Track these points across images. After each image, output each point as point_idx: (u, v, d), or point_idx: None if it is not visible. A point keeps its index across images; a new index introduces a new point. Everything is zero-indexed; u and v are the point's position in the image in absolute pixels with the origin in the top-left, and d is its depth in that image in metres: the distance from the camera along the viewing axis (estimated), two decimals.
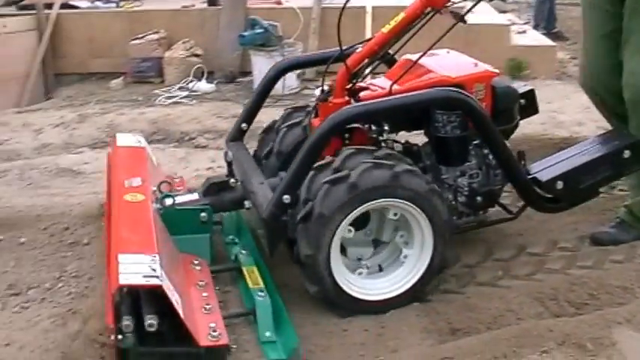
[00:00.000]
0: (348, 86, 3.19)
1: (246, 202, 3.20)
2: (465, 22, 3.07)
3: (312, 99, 3.97)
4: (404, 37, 3.21)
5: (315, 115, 3.31)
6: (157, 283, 2.33)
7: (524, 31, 8.18)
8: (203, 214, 3.14)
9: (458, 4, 3.09)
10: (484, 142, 3.17)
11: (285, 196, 2.86)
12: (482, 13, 8.00)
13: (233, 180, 3.30)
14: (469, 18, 3.10)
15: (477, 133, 3.11)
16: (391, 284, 2.99)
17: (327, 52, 3.62)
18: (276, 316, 2.79)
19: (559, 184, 3.24)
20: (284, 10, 7.54)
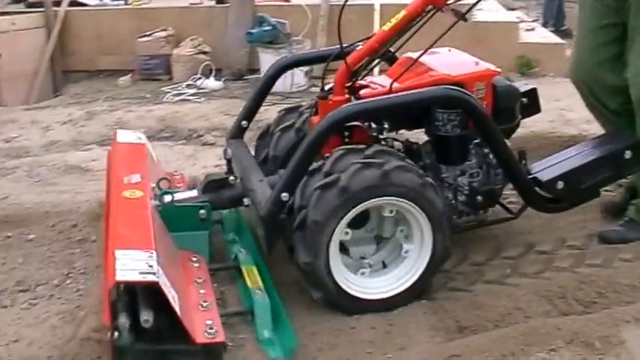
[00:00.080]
0: (348, 84, 3.16)
1: (245, 200, 3.18)
2: (466, 20, 3.04)
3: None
4: (405, 35, 3.18)
5: (315, 113, 3.29)
6: (154, 279, 2.31)
7: (532, 29, 8.16)
8: (202, 211, 3.11)
9: (460, 1, 3.07)
10: (484, 141, 3.14)
11: (284, 194, 2.84)
12: (490, 10, 8.00)
13: (232, 177, 3.28)
14: (478, 16, 3.09)
15: (478, 132, 3.09)
16: (395, 280, 2.98)
17: (328, 50, 3.60)
18: (275, 316, 2.76)
19: (559, 184, 3.22)
20: (292, 8, 7.55)
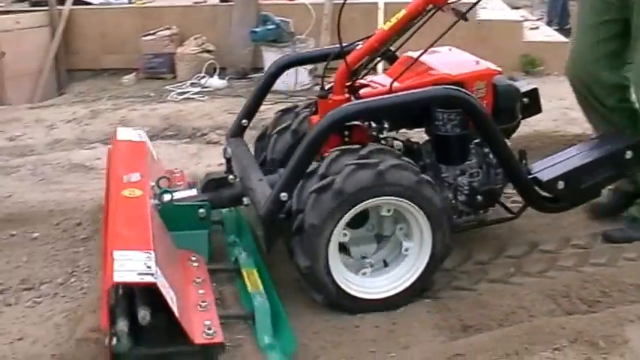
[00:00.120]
0: (348, 83, 3.15)
1: (245, 199, 3.18)
2: (467, 19, 3.03)
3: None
4: (406, 34, 3.16)
5: (315, 112, 3.28)
6: (152, 280, 2.29)
7: (537, 27, 8.15)
8: (201, 210, 3.09)
9: (460, 0, 3.06)
10: (484, 141, 3.13)
11: (283, 194, 2.83)
12: (494, 9, 7.99)
13: (232, 176, 3.27)
14: (482, 14, 3.08)
15: (477, 132, 3.08)
16: (397, 279, 2.97)
17: (329, 49, 3.59)
18: (275, 319, 2.74)
19: (560, 184, 3.21)
20: (296, 6, 7.55)
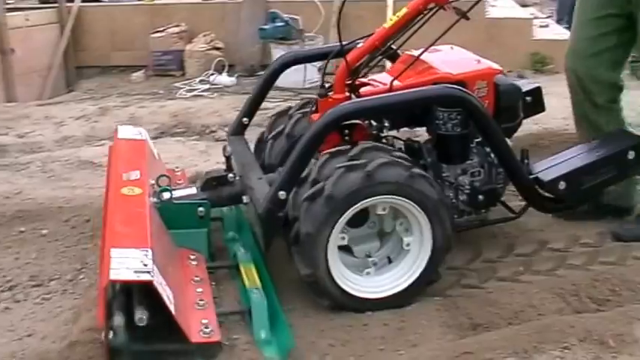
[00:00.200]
0: (348, 81, 3.14)
1: (244, 197, 3.16)
2: (468, 18, 3.00)
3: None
4: (408, 32, 3.14)
5: (315, 111, 3.26)
6: (148, 278, 2.29)
7: (546, 25, 8.11)
8: (201, 208, 3.08)
9: None
10: (485, 140, 3.11)
11: (281, 192, 2.81)
12: (504, 7, 7.97)
13: (231, 175, 3.25)
14: (491, 12, 3.06)
15: (478, 131, 3.06)
16: (400, 276, 2.94)
17: (331, 46, 3.57)
18: (273, 316, 2.73)
19: (561, 184, 3.18)
20: (305, 4, 7.53)
